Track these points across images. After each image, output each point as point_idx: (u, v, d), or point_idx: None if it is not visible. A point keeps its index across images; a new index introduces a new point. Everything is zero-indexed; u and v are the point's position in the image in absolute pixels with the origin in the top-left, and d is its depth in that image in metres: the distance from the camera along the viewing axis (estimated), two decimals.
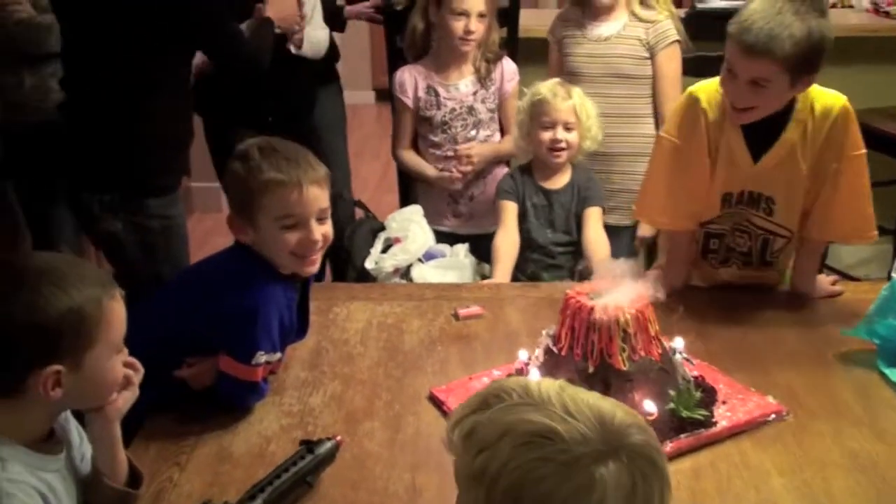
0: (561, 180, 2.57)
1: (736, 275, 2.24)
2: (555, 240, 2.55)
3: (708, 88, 2.09)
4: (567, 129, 2.53)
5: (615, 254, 2.65)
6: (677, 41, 2.77)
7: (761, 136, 2.05)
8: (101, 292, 1.30)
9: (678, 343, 1.79)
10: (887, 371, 1.88)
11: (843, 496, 1.53)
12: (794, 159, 2.06)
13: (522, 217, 2.55)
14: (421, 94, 2.86)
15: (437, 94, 2.84)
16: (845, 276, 3.71)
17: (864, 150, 2.07)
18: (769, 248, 2.18)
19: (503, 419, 0.97)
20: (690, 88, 2.14)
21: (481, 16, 2.75)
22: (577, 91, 2.56)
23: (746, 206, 2.13)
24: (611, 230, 2.78)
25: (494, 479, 0.93)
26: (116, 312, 1.33)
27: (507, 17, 3.32)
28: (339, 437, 1.56)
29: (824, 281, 2.26)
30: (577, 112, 2.53)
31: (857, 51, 3.88)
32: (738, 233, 2.18)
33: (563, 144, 2.52)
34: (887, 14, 4.03)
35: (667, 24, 2.76)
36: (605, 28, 2.79)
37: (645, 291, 1.72)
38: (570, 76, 2.81)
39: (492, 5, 2.80)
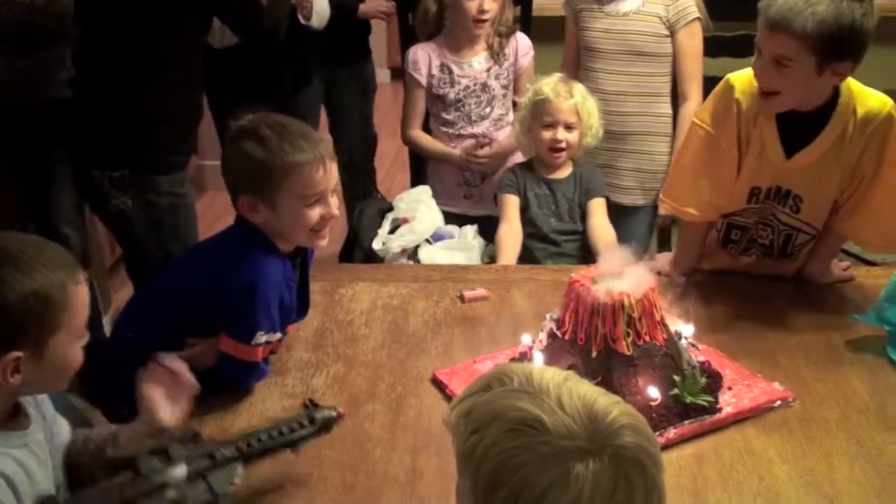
0: (563, 172, 2.57)
1: (754, 264, 2.20)
2: (559, 228, 2.53)
3: (744, 78, 2.01)
4: (568, 128, 2.51)
5: (630, 235, 2.66)
6: (698, 18, 2.71)
7: (798, 133, 1.98)
8: (65, 277, 1.28)
9: (685, 329, 1.77)
10: None
11: (847, 484, 1.52)
12: (827, 161, 1.99)
13: (525, 208, 2.53)
14: (434, 71, 2.84)
15: (450, 72, 2.83)
16: (861, 260, 3.66)
17: None
18: (791, 242, 2.13)
19: (497, 403, 0.97)
20: (728, 75, 2.07)
21: None
22: (579, 89, 2.54)
23: (773, 201, 2.07)
24: (626, 211, 2.76)
25: (480, 462, 0.94)
26: (81, 298, 1.31)
27: None
28: (341, 410, 1.52)
29: (836, 266, 2.22)
30: (579, 111, 2.51)
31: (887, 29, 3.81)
32: (762, 226, 2.13)
33: (563, 144, 2.51)
34: None
35: (688, 1, 2.70)
36: (623, 3, 2.73)
37: (652, 276, 1.71)
38: (587, 51, 2.78)
39: None
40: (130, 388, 1.50)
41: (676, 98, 2.77)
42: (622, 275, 1.68)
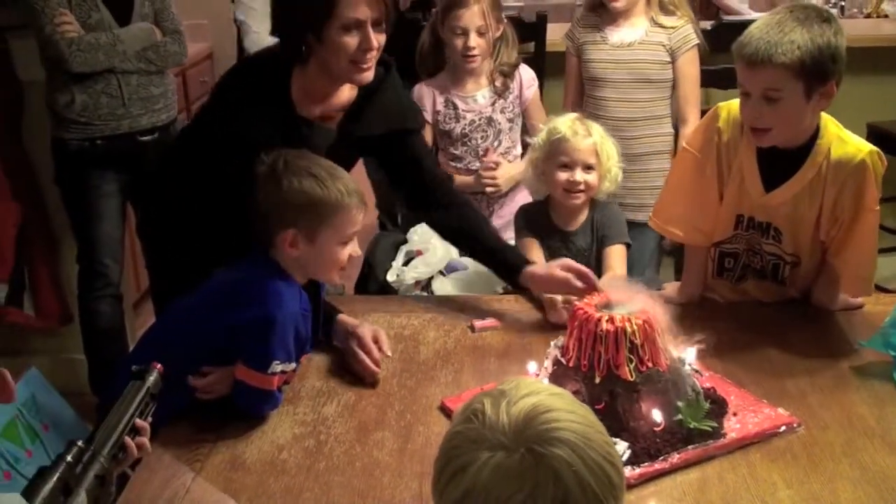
0: (578, 220, 2.41)
1: (754, 289, 2.22)
2: None
3: (731, 106, 2.07)
4: (587, 169, 2.35)
5: (640, 250, 2.66)
6: (697, 45, 2.87)
7: (777, 168, 2.03)
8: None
9: (688, 354, 1.79)
10: None
11: None
12: (802, 200, 2.03)
13: None
14: (440, 107, 2.90)
15: (455, 107, 2.88)
16: (881, 290, 3.66)
17: (877, 209, 2.02)
18: (780, 271, 2.15)
19: (478, 397, 1.06)
20: (719, 103, 2.13)
21: (480, 33, 2.78)
22: (597, 128, 2.40)
23: (756, 231, 2.12)
24: (636, 227, 2.77)
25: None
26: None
27: (534, 31, 3.35)
28: (158, 366, 1.51)
29: (845, 293, 2.23)
30: (598, 152, 2.36)
31: (891, 60, 3.85)
32: (752, 253, 2.17)
33: (581, 186, 2.34)
34: None
35: (688, 29, 2.87)
36: (626, 34, 2.87)
37: (655, 303, 1.74)
38: (591, 81, 2.91)
39: (495, 21, 2.81)
40: None
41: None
42: (625, 302, 1.71)
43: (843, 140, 2.00)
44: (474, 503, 0.97)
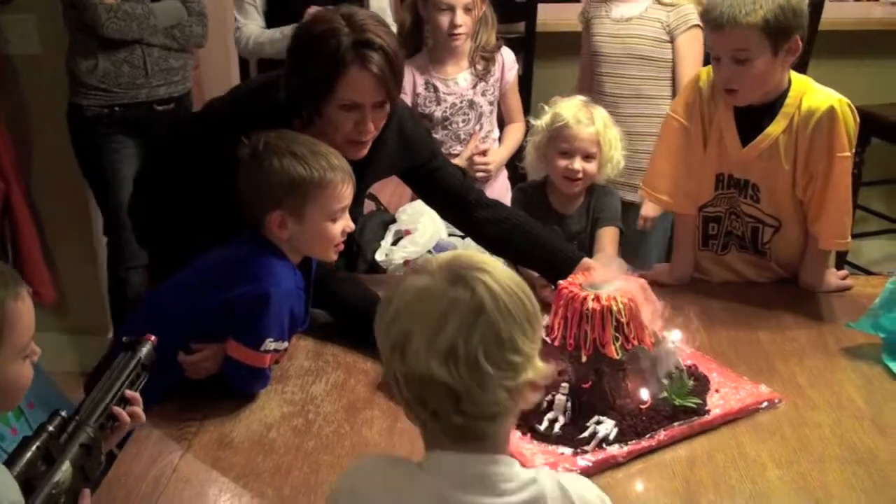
0: (575, 204, 2.39)
1: (740, 260, 2.24)
2: None
3: (709, 69, 2.14)
4: (587, 159, 2.31)
5: (632, 230, 2.65)
6: (698, 25, 2.77)
7: (750, 123, 2.08)
8: (3, 293, 1.20)
9: (672, 333, 1.79)
10: (892, 364, 1.86)
11: (838, 488, 1.53)
12: (776, 153, 2.07)
13: None
14: (420, 90, 2.84)
15: (436, 90, 2.84)
16: (867, 273, 3.68)
17: (848, 154, 2.04)
18: (759, 237, 2.18)
19: None
20: (700, 68, 2.22)
21: (467, 9, 2.74)
22: (600, 116, 2.35)
23: (735, 190, 2.16)
24: (630, 207, 2.75)
25: None
26: (22, 314, 1.23)
27: (524, 12, 3.33)
28: (152, 338, 1.51)
29: (833, 275, 2.23)
30: (600, 141, 2.31)
31: (885, 44, 3.85)
32: (733, 216, 2.21)
33: (580, 175, 2.31)
34: None
35: (689, 9, 2.80)
36: (627, 9, 2.86)
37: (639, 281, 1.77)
38: (594, 56, 2.90)
39: None
40: None
41: None
42: (609, 281, 1.72)
43: (812, 91, 2.06)
44: (402, 319, 1.09)
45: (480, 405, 1.07)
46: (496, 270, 1.11)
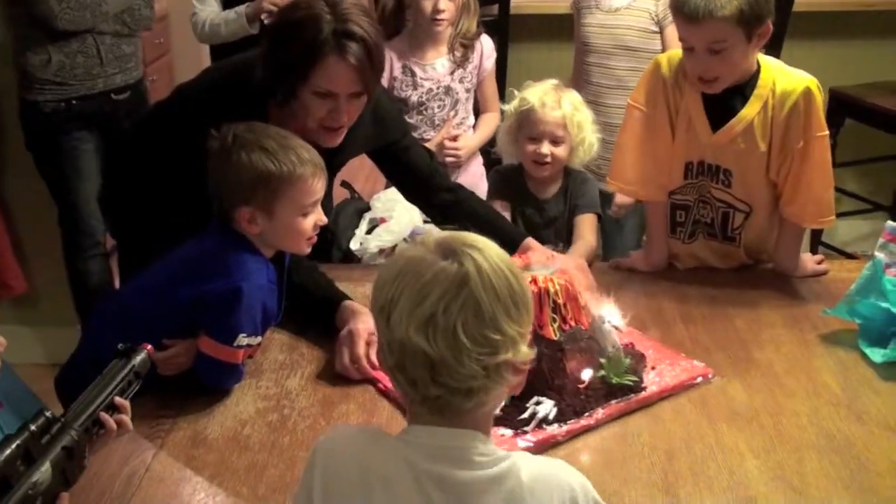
0: (552, 188, 2.40)
1: (706, 248, 2.24)
2: None
3: (671, 55, 2.13)
4: (554, 142, 2.32)
5: (617, 222, 2.70)
6: None
7: (721, 108, 2.07)
8: None
9: (607, 311, 1.79)
10: (868, 351, 1.87)
11: (816, 477, 1.53)
12: (751, 136, 2.07)
13: (513, 221, 2.39)
14: (397, 73, 2.81)
15: (413, 74, 2.81)
16: (841, 254, 3.70)
17: (826, 132, 2.06)
18: (730, 222, 2.18)
19: None
20: (657, 55, 2.20)
21: None
22: (568, 99, 2.35)
23: (706, 177, 2.15)
24: (612, 196, 2.75)
25: None
26: None
27: None
28: (149, 347, 1.48)
29: (809, 259, 2.24)
30: (567, 124, 2.31)
31: (858, 25, 3.86)
32: (702, 204, 2.20)
33: (548, 159, 2.32)
34: None
35: None
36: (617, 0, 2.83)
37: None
38: (583, 46, 2.91)
39: None
40: None
41: None
42: (546, 263, 1.73)
43: (784, 73, 2.07)
44: (390, 286, 1.11)
45: (456, 378, 1.08)
46: (488, 249, 1.13)
